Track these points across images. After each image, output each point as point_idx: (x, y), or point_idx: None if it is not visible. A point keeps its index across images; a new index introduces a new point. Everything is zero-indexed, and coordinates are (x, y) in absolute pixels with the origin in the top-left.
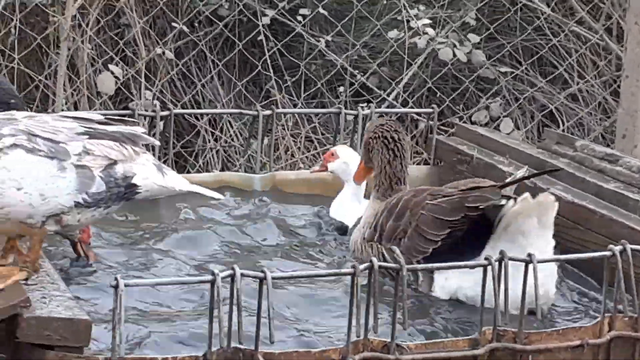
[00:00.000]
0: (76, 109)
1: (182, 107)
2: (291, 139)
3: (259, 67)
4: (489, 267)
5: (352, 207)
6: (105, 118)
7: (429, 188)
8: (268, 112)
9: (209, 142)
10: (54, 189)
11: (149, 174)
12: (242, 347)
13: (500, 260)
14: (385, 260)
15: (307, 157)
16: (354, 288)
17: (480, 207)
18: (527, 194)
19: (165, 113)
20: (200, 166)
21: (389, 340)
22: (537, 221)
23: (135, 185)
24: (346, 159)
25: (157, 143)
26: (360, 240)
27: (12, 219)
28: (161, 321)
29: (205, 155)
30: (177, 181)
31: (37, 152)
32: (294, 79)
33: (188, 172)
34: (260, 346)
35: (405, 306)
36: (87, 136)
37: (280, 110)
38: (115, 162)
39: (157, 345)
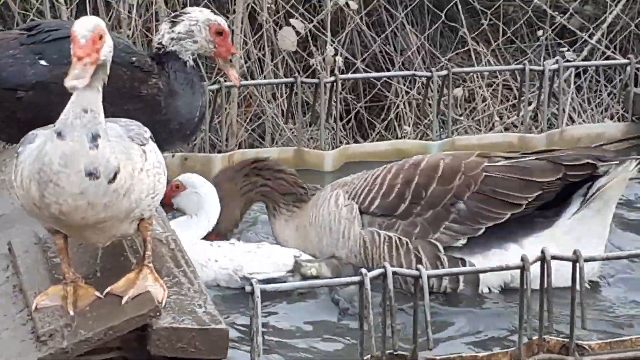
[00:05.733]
0: (261, 67)
1: (372, 58)
2: (486, 90)
3: (443, 17)
4: None
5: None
6: None
7: (447, 154)
8: (443, 72)
9: (400, 96)
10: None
11: None
12: (398, 352)
13: None
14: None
15: (505, 107)
16: (523, 283)
17: (600, 165)
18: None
19: (331, 79)
20: (390, 121)
21: (567, 339)
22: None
23: None
24: (197, 187)
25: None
26: (355, 226)
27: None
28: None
29: (397, 109)
30: None
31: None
32: (489, 22)
33: (374, 127)
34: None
35: (583, 301)
36: None
37: (456, 70)
38: None
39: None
